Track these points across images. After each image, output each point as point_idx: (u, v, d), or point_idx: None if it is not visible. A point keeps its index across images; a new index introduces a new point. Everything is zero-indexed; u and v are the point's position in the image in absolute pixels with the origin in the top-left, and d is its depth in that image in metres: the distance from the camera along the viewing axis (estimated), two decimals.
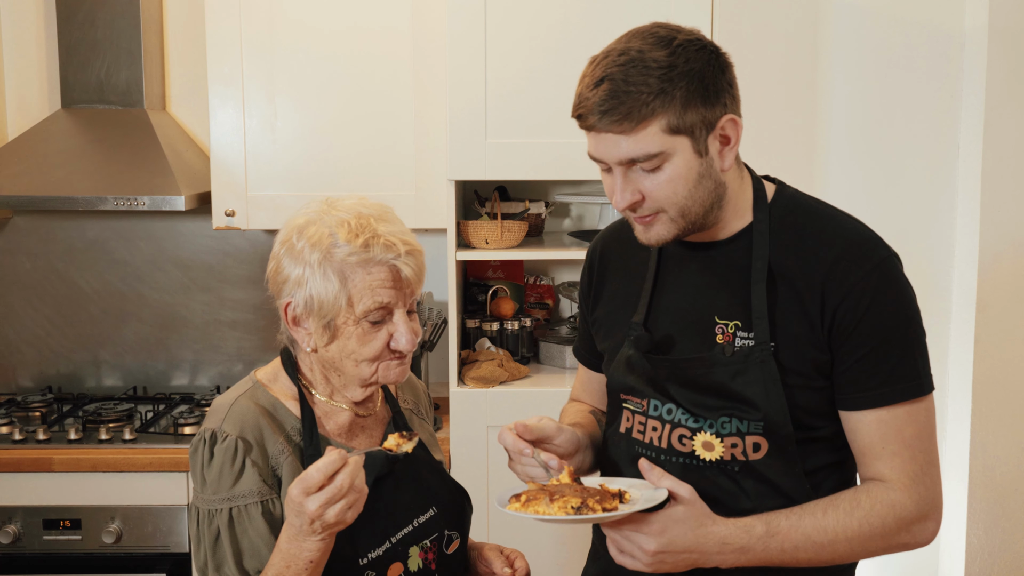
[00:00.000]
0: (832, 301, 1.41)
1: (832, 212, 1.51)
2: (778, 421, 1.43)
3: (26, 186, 2.77)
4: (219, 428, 1.49)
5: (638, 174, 1.39)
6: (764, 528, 1.40)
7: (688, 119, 1.36)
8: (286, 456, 1.50)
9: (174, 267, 3.16)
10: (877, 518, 1.42)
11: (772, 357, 1.42)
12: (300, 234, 1.47)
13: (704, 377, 1.46)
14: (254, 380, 1.57)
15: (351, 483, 1.32)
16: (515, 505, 1.40)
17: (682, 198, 1.40)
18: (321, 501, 1.32)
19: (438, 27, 2.70)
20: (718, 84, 1.38)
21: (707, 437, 1.45)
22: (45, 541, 2.64)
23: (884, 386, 1.41)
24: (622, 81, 1.34)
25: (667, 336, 1.51)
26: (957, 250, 2.96)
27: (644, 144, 1.36)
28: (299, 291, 1.46)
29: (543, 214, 2.97)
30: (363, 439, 1.60)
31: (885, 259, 1.43)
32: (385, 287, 1.45)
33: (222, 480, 1.47)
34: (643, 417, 1.53)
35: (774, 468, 1.45)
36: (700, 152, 1.38)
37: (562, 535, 2.68)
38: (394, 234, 1.46)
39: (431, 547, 1.57)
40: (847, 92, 2.97)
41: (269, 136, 2.80)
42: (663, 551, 1.36)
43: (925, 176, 2.97)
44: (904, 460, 1.42)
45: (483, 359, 2.77)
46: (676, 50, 1.36)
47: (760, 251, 1.45)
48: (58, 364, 3.18)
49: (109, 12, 2.90)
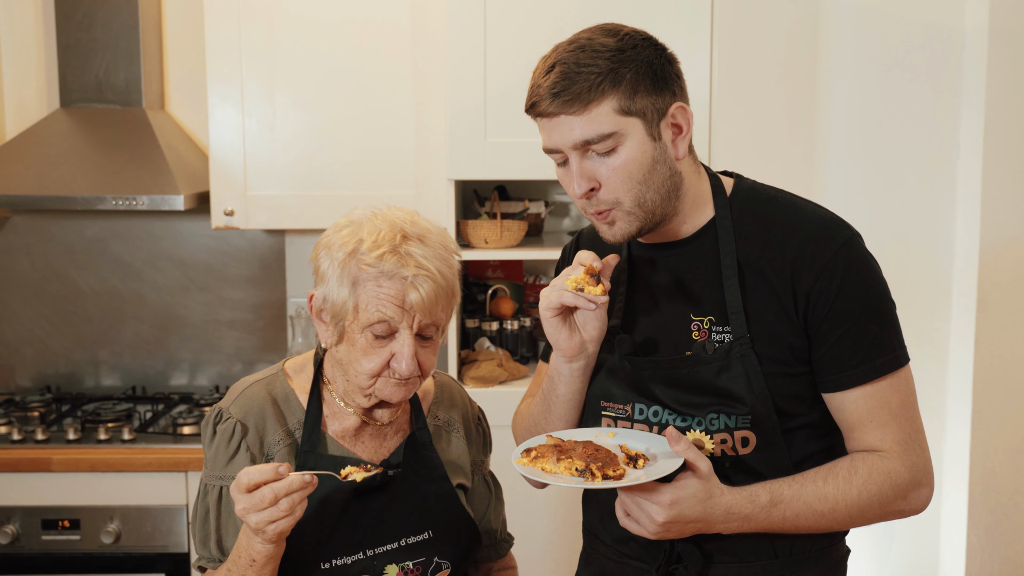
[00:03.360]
0: (804, 286, 1.42)
1: (792, 199, 1.52)
2: (763, 412, 1.44)
3: (25, 185, 2.76)
4: (226, 408, 1.54)
5: (593, 160, 1.41)
6: (768, 497, 1.42)
7: (638, 102, 1.39)
8: (281, 448, 1.52)
9: (173, 267, 3.16)
10: (875, 485, 1.44)
11: (751, 350, 1.43)
12: (339, 232, 1.49)
13: (689, 376, 1.47)
14: (279, 368, 1.60)
15: (273, 498, 1.33)
16: (524, 460, 1.41)
17: (637, 183, 1.41)
18: (245, 504, 1.35)
19: (438, 22, 2.70)
20: (666, 72, 1.41)
21: (697, 435, 1.47)
22: (44, 541, 2.63)
23: (865, 362, 1.43)
24: (573, 64, 1.38)
25: (647, 339, 1.52)
26: (957, 249, 2.96)
27: (597, 124, 1.38)
28: (322, 286, 1.48)
29: (543, 214, 2.96)
30: (369, 446, 1.57)
31: (849, 238, 1.45)
32: (391, 303, 1.43)
33: (217, 458, 1.52)
34: (627, 423, 1.53)
35: (764, 461, 1.46)
36: (653, 136, 1.41)
37: (551, 536, 2.68)
38: (417, 255, 1.44)
39: (414, 570, 1.55)
40: (847, 92, 2.96)
41: (268, 135, 2.80)
42: (671, 521, 1.38)
43: (925, 176, 2.97)
44: (893, 430, 1.45)
45: (483, 359, 2.77)
46: (624, 38, 1.40)
47: (727, 245, 1.47)
48: (57, 364, 3.18)
49: (108, 11, 2.89)
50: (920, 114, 2.95)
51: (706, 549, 1.48)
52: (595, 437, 1.48)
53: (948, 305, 2.98)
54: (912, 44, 2.94)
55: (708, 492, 1.39)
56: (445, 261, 1.47)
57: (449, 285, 1.47)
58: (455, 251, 1.52)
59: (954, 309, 2.97)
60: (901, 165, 2.97)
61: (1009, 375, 2.89)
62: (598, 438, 1.48)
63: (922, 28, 2.93)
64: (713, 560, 1.48)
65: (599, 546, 1.61)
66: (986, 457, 2.90)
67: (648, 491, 1.37)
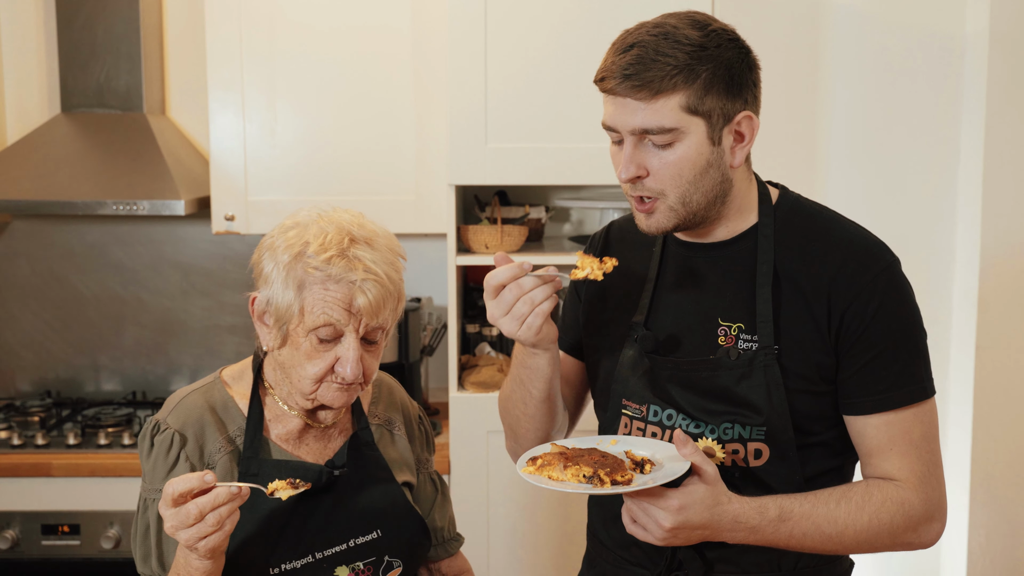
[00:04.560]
0: (840, 305, 1.41)
1: (836, 217, 1.51)
2: (779, 426, 1.42)
3: (25, 190, 2.76)
4: (163, 419, 1.51)
5: (648, 149, 1.39)
6: (777, 512, 1.40)
7: (707, 103, 1.37)
8: (223, 456, 1.50)
9: (174, 271, 3.16)
10: (887, 515, 1.42)
11: (776, 361, 1.42)
12: (284, 233, 1.47)
13: (708, 380, 1.46)
14: (216, 377, 1.58)
15: (199, 513, 1.29)
16: (529, 469, 1.40)
17: (686, 182, 1.40)
18: (173, 521, 1.31)
19: (438, 28, 2.70)
20: (743, 79, 1.39)
21: (708, 443, 1.45)
22: (44, 547, 2.63)
23: (891, 389, 1.41)
24: (652, 50, 1.35)
25: (671, 336, 1.50)
26: (958, 254, 2.96)
27: (660, 116, 1.36)
28: (265, 288, 1.46)
29: (543, 219, 2.96)
30: (314, 448, 1.56)
31: (891, 264, 1.45)
32: (337, 307, 1.42)
33: (156, 471, 1.49)
34: (642, 423, 1.52)
35: (775, 475, 1.45)
36: (713, 140, 1.39)
37: (558, 538, 2.67)
38: (365, 259, 1.43)
39: (365, 570, 1.54)
40: (848, 97, 2.96)
41: (269, 140, 2.80)
42: (678, 527, 1.36)
43: (926, 180, 2.97)
44: (912, 461, 1.43)
45: (483, 364, 2.77)
46: (710, 34, 1.37)
47: (765, 254, 1.45)
48: (57, 369, 3.18)
49: (109, 16, 2.90)
50: (921, 119, 2.95)
51: (708, 557, 1.47)
52: (598, 444, 1.48)
53: (949, 310, 2.98)
54: (913, 49, 2.94)
55: (715, 498, 1.37)
56: (392, 265, 1.46)
57: (396, 289, 1.46)
58: (401, 254, 1.50)
59: (955, 314, 2.97)
60: (902, 170, 2.97)
61: (1010, 380, 2.89)
62: (601, 445, 1.47)
63: (923, 33, 2.93)
64: (714, 569, 1.47)
65: (602, 550, 1.61)
66: (987, 461, 2.90)
67: (655, 496, 1.36)
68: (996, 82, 2.81)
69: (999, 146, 2.83)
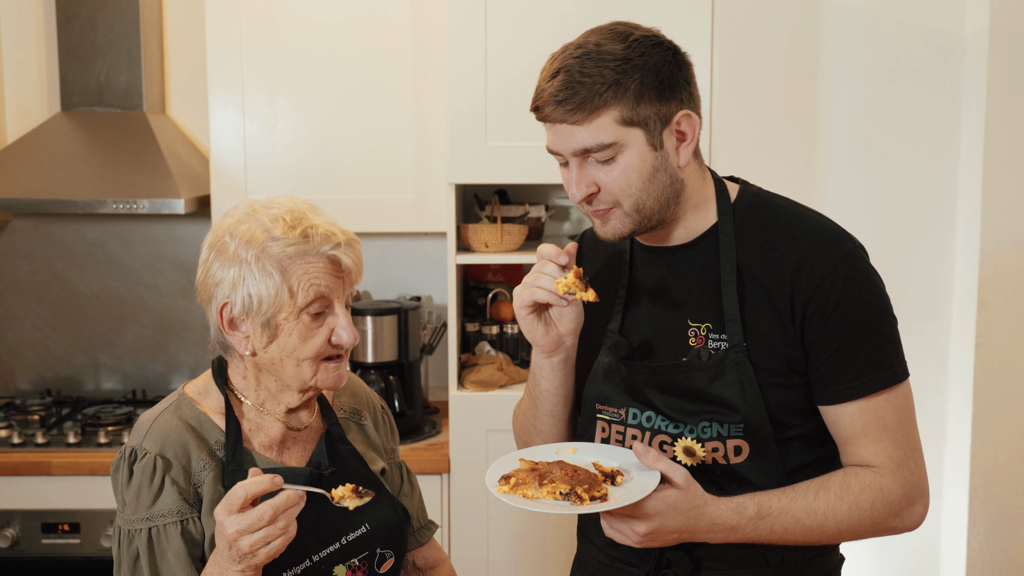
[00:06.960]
0: (802, 297, 1.42)
1: (796, 208, 1.52)
2: (757, 421, 1.44)
3: (25, 189, 2.76)
4: (139, 445, 1.46)
5: (593, 166, 1.41)
6: (755, 510, 1.42)
7: (642, 112, 1.38)
8: (208, 472, 1.46)
9: (173, 270, 3.16)
10: (866, 502, 1.43)
11: (747, 358, 1.43)
12: (232, 235, 1.44)
13: (683, 382, 1.47)
14: (180, 394, 1.53)
15: (273, 515, 1.28)
16: (503, 488, 1.39)
17: (636, 190, 1.41)
18: (239, 526, 1.27)
19: (438, 25, 2.70)
20: (674, 80, 1.40)
21: (688, 443, 1.46)
22: (44, 545, 2.63)
23: (861, 377, 1.42)
24: (577, 72, 1.37)
25: (644, 343, 1.52)
26: (958, 252, 2.96)
27: (597, 134, 1.38)
28: (235, 292, 1.43)
29: (543, 217, 2.96)
30: (295, 453, 1.55)
31: (851, 251, 1.44)
32: (325, 276, 1.43)
33: (140, 499, 1.43)
34: (620, 426, 1.53)
35: (756, 471, 1.46)
36: (654, 145, 1.40)
37: (549, 540, 2.67)
38: (331, 225, 1.47)
39: (360, 565, 1.53)
40: (848, 96, 2.97)
41: (269, 139, 2.80)
42: (654, 532, 1.39)
43: (926, 179, 2.97)
44: (887, 446, 1.44)
45: (483, 363, 2.77)
46: (632, 44, 1.39)
47: (727, 252, 1.46)
48: (57, 367, 3.18)
49: (109, 15, 2.90)
50: (921, 118, 2.95)
51: (696, 555, 1.48)
52: (556, 453, 1.48)
53: (949, 309, 2.98)
54: (913, 48, 2.94)
55: (689, 502, 1.39)
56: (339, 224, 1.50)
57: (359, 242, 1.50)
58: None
59: (955, 313, 2.97)
60: (902, 169, 2.98)
61: (1009, 379, 2.89)
62: (559, 454, 1.48)
63: (923, 32, 2.93)
64: (703, 566, 1.48)
65: (591, 549, 1.62)
66: (987, 460, 2.90)
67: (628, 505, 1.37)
68: (996, 81, 2.81)
69: (999, 145, 2.83)
